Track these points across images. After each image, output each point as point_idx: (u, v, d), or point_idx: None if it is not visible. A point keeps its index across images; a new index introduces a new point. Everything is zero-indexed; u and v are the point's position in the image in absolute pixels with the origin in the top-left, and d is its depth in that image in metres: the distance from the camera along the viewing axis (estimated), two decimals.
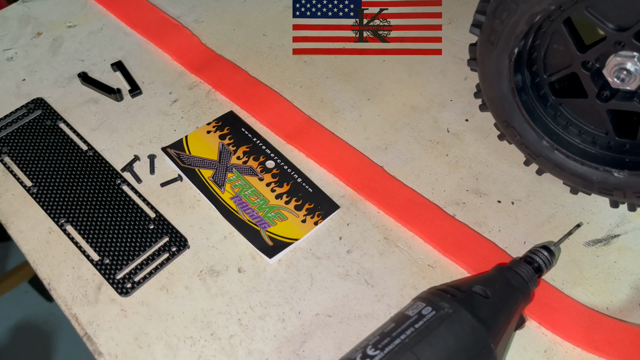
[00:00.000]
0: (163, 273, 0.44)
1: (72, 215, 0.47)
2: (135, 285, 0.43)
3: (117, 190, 0.48)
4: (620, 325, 0.41)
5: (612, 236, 0.46)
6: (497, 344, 0.36)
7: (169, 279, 0.44)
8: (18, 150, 0.51)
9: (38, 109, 0.54)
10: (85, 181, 0.49)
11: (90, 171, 0.49)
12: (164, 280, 0.44)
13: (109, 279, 0.44)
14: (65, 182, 0.49)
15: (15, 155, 0.51)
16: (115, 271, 0.44)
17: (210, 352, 0.41)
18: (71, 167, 0.50)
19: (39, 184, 0.49)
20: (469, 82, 0.56)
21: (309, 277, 0.44)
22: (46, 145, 0.51)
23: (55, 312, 1.32)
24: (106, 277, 0.44)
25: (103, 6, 0.63)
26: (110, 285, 0.43)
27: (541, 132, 0.45)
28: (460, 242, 0.45)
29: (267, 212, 0.47)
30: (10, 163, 0.50)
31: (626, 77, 0.40)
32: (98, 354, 0.41)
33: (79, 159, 0.50)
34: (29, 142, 0.51)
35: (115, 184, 0.49)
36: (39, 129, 0.52)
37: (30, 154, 0.51)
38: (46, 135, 0.52)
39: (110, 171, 0.50)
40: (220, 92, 0.55)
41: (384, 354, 0.34)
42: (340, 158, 0.50)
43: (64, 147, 0.51)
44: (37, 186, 0.49)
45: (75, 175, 0.49)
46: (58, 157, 0.50)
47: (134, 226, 0.46)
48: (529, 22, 0.40)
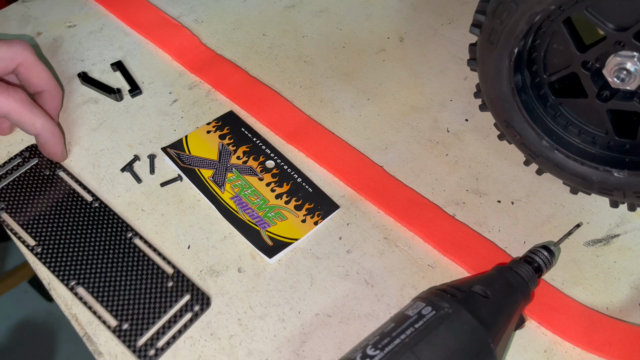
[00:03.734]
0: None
1: (82, 277, 0.43)
2: (159, 352, 0.40)
3: (129, 245, 0.45)
4: (620, 325, 0.41)
5: (612, 236, 0.46)
6: (497, 344, 0.36)
7: None
8: (16, 205, 0.47)
9: (34, 157, 0.50)
10: (93, 236, 0.45)
11: (97, 225, 0.46)
12: None
13: (130, 347, 0.40)
14: (71, 238, 0.45)
15: (13, 211, 0.46)
16: (135, 337, 0.41)
17: (210, 352, 0.41)
18: (77, 221, 0.46)
19: (43, 242, 0.45)
20: (469, 82, 0.56)
21: (309, 277, 0.44)
22: (47, 197, 0.47)
23: (55, 312, 1.32)
24: (126, 344, 0.40)
25: (103, 6, 0.63)
26: (132, 353, 0.40)
27: (541, 132, 0.45)
28: (460, 242, 0.45)
29: (267, 212, 0.47)
30: (9, 220, 0.46)
31: (626, 77, 0.40)
32: (98, 354, 0.41)
33: (85, 211, 0.47)
34: (27, 195, 0.47)
35: (126, 238, 0.45)
36: (37, 179, 0.48)
37: (30, 209, 0.47)
38: (46, 187, 0.48)
39: (120, 223, 0.46)
40: (220, 92, 0.55)
41: (384, 354, 0.34)
42: (340, 158, 0.50)
43: (66, 199, 0.47)
44: (42, 245, 0.45)
45: (82, 230, 0.45)
46: (61, 210, 0.46)
47: (151, 285, 0.43)
48: (529, 22, 0.40)
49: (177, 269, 0.44)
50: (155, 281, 0.43)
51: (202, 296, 0.43)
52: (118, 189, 0.49)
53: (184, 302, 0.42)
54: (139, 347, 0.40)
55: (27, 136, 0.52)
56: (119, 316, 0.42)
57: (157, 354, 0.40)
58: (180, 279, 0.43)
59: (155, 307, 0.42)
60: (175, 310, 0.42)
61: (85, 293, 0.43)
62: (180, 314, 0.42)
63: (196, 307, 0.42)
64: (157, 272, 0.44)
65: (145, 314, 0.42)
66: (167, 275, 0.44)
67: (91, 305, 0.42)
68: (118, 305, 0.42)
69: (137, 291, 0.43)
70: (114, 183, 0.49)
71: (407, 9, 0.63)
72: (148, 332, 0.41)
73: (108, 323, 0.42)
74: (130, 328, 0.41)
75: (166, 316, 0.42)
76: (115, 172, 0.50)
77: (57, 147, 0.48)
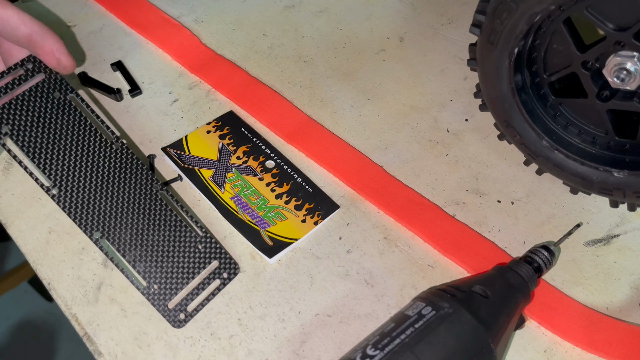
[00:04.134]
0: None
1: (107, 229, 0.39)
2: (189, 316, 0.39)
3: (158, 198, 0.40)
4: (620, 325, 0.41)
5: (612, 236, 0.46)
6: (497, 344, 0.36)
7: None
8: (23, 131, 0.38)
9: (39, 72, 0.40)
10: (118, 182, 0.40)
11: (122, 170, 0.40)
12: None
13: (160, 309, 0.39)
14: (93, 182, 0.39)
15: (20, 138, 0.38)
16: (165, 300, 0.39)
17: (210, 352, 0.41)
18: (99, 162, 0.39)
19: (60, 183, 0.38)
20: (469, 82, 0.56)
21: (309, 277, 0.44)
22: (60, 127, 0.39)
23: (55, 312, 1.32)
24: (156, 306, 0.39)
25: (103, 6, 0.63)
26: (163, 316, 0.39)
27: (541, 132, 0.45)
28: (460, 242, 0.45)
29: (267, 212, 0.47)
30: (15, 150, 0.38)
31: (626, 77, 0.40)
32: (98, 354, 0.41)
33: (108, 150, 0.40)
34: (35, 120, 0.39)
35: (154, 190, 0.40)
36: (45, 102, 0.39)
37: (40, 140, 0.38)
38: (57, 113, 0.39)
39: (146, 172, 0.41)
40: (220, 92, 0.55)
41: (384, 354, 0.34)
42: (340, 158, 0.50)
43: (85, 133, 0.40)
44: (59, 187, 0.38)
45: (105, 174, 0.39)
46: (79, 146, 0.39)
47: (181, 246, 0.40)
48: (529, 22, 0.40)
49: (207, 232, 0.41)
50: (185, 242, 0.40)
51: (230, 263, 0.41)
52: None
53: (212, 268, 0.40)
54: (170, 310, 0.39)
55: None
56: (149, 277, 0.39)
57: (186, 319, 0.39)
58: (210, 243, 0.41)
59: (185, 270, 0.40)
60: (204, 275, 0.40)
61: (111, 248, 0.39)
62: (209, 281, 0.40)
63: (224, 274, 0.40)
64: (188, 232, 0.41)
65: (175, 276, 0.39)
66: (198, 238, 0.41)
67: (118, 262, 0.39)
68: (148, 264, 0.39)
69: (167, 251, 0.40)
70: None
71: (407, 9, 0.63)
72: (177, 295, 0.39)
73: (137, 283, 0.40)
74: (159, 289, 0.39)
75: (196, 280, 0.40)
76: None
77: (59, 43, 0.39)
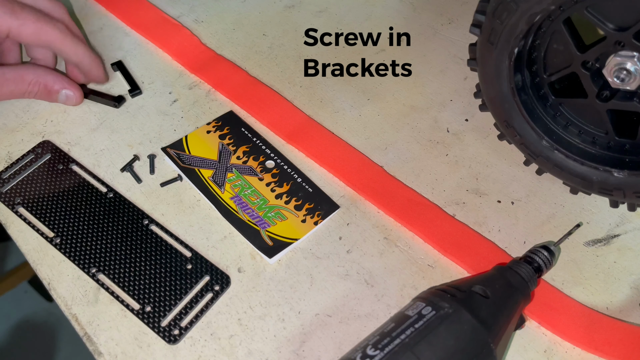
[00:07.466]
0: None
1: (102, 264, 0.44)
2: (183, 331, 0.41)
3: (146, 232, 0.46)
4: (620, 325, 0.41)
5: (612, 236, 0.46)
6: (497, 344, 0.36)
7: None
8: (32, 199, 0.47)
9: (47, 153, 0.50)
10: (110, 225, 0.46)
11: (114, 214, 0.47)
12: None
13: (154, 328, 0.41)
14: (89, 228, 0.46)
15: (30, 205, 0.47)
16: (159, 319, 0.42)
17: (210, 352, 0.41)
18: (93, 212, 0.47)
19: (62, 233, 0.46)
20: (469, 82, 0.56)
21: (309, 277, 0.44)
22: (62, 191, 0.48)
23: (55, 312, 1.32)
24: (150, 325, 0.41)
25: (103, 6, 0.63)
26: (157, 334, 0.41)
27: (541, 132, 0.45)
28: (460, 242, 0.45)
29: (267, 212, 0.47)
30: (26, 214, 0.47)
31: (626, 77, 0.40)
32: (98, 354, 0.41)
33: (100, 202, 0.48)
34: (42, 189, 0.48)
35: (142, 225, 0.46)
36: (51, 174, 0.49)
37: (46, 202, 0.47)
38: (60, 180, 0.49)
39: (136, 211, 0.47)
40: (220, 92, 0.55)
41: (384, 354, 0.34)
42: (340, 158, 0.50)
43: (81, 191, 0.48)
44: (60, 236, 0.45)
45: (98, 220, 0.46)
46: (77, 202, 0.47)
47: (171, 268, 0.44)
48: (529, 22, 0.40)
49: (195, 252, 0.45)
50: (174, 264, 0.44)
51: (221, 276, 0.44)
52: (118, 189, 0.49)
53: (204, 283, 0.43)
54: (163, 328, 0.41)
55: (26, 136, 0.52)
56: (141, 300, 0.43)
57: (182, 333, 0.41)
58: (199, 261, 0.45)
59: (176, 289, 0.43)
60: (196, 291, 0.43)
61: (106, 279, 0.44)
62: (202, 294, 0.43)
63: (216, 286, 0.43)
64: (176, 255, 0.45)
65: (167, 296, 0.43)
66: (185, 258, 0.45)
67: (113, 290, 0.43)
68: (139, 289, 0.43)
69: (157, 275, 0.44)
70: (114, 183, 0.49)
71: (407, 9, 0.63)
72: (171, 313, 0.42)
73: (131, 307, 0.43)
74: (152, 310, 0.42)
75: (187, 297, 0.43)
76: (115, 172, 0.50)
77: (100, 69, 0.53)
